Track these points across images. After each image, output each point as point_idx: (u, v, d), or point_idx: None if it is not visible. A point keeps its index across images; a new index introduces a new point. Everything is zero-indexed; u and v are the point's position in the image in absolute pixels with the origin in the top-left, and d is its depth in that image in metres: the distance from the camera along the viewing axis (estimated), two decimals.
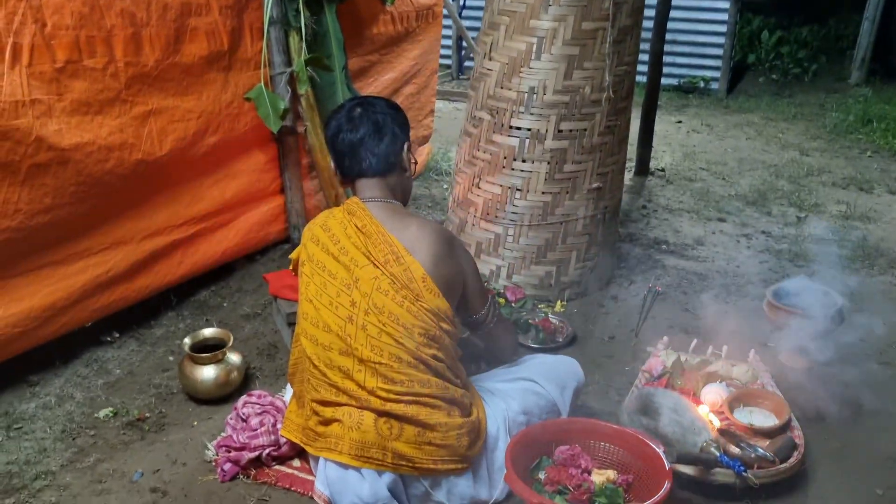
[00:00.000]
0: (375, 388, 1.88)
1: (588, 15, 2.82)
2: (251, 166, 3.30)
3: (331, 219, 2.06)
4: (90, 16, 2.44)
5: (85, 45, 2.44)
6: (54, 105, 2.37)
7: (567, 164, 3.03)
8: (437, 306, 1.91)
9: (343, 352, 1.92)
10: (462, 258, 2.03)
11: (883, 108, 6.70)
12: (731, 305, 3.24)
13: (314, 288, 1.99)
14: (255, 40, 3.17)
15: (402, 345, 1.88)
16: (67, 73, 2.39)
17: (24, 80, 2.26)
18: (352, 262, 1.95)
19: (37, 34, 2.29)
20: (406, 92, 4.31)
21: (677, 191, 4.70)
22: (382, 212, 1.99)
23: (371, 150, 2.02)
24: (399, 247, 1.92)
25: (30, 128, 2.28)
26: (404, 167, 2.08)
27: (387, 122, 2.03)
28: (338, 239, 2.00)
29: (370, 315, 1.89)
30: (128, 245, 2.78)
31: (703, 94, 7.83)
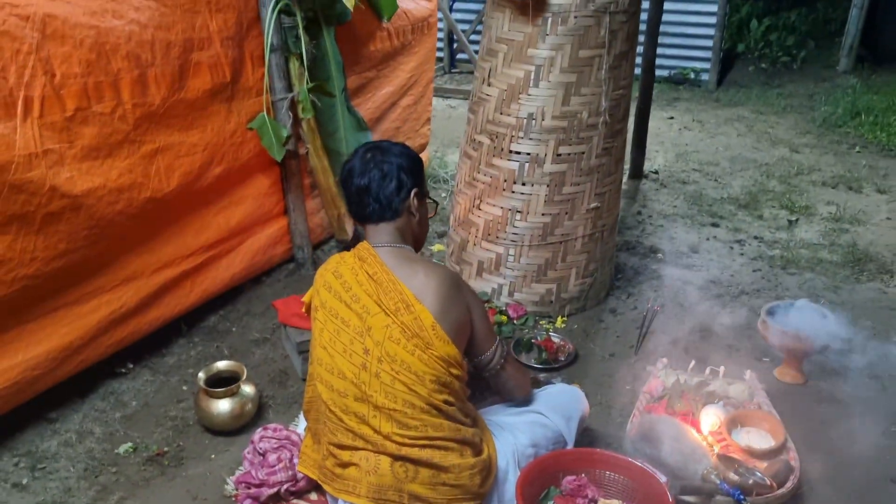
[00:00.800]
0: (391, 434, 1.96)
1: (585, 43, 2.88)
2: (255, 191, 3.36)
3: (342, 265, 2.11)
4: (97, 62, 2.47)
5: (93, 92, 2.48)
6: (65, 153, 2.41)
7: (566, 186, 3.10)
8: (447, 353, 1.97)
9: (358, 398, 1.99)
10: (470, 302, 2.09)
11: (871, 99, 6.78)
12: (726, 317, 3.33)
13: (328, 335, 2.06)
14: (255, 68, 3.21)
15: (415, 392, 1.95)
16: (77, 120, 2.44)
17: (36, 132, 2.31)
18: (363, 310, 2.01)
19: (47, 85, 2.32)
20: (403, 104, 4.35)
21: (671, 195, 4.78)
22: (392, 258, 2.05)
23: (376, 197, 2.06)
24: (409, 295, 1.98)
25: (43, 178, 2.33)
26: (413, 213, 2.12)
27: (393, 170, 2.06)
28: (349, 286, 2.05)
29: (383, 363, 1.96)
30: (139, 280, 2.84)
31: (694, 85, 7.89)
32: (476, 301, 2.13)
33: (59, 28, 2.35)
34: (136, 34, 2.61)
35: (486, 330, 2.15)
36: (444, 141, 5.86)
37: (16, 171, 2.25)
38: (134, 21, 2.60)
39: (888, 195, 4.76)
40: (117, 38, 2.54)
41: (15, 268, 2.34)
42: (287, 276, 3.64)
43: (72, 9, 2.40)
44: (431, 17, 4.44)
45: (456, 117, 6.68)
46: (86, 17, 2.44)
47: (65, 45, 2.37)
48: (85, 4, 2.45)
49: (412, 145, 4.52)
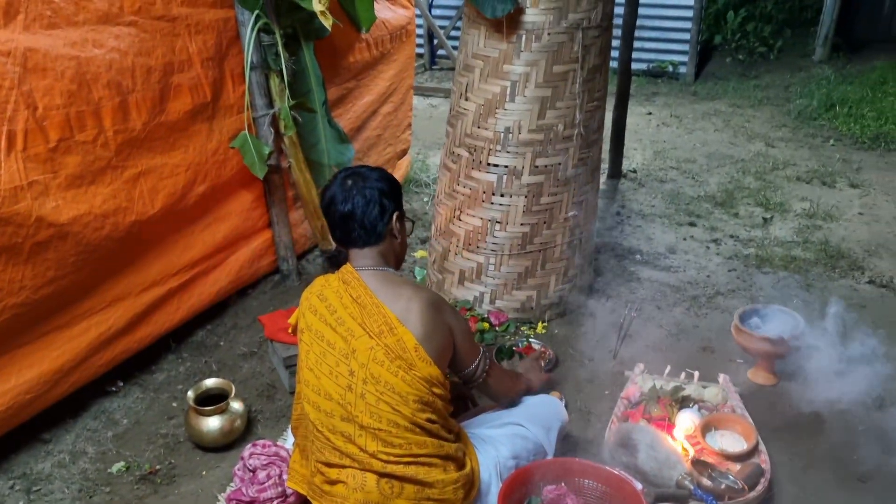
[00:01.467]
0: (376, 452, 2.04)
1: (559, 59, 2.95)
2: (239, 207, 3.41)
3: (327, 288, 2.17)
4: (78, 92, 2.51)
5: (75, 121, 2.52)
6: (50, 183, 2.45)
7: (543, 196, 3.17)
8: (430, 374, 2.04)
9: (344, 418, 2.06)
10: (451, 323, 2.13)
11: (845, 90, 6.89)
12: (701, 320, 3.43)
13: (314, 357, 2.12)
14: (236, 86, 3.25)
15: (399, 411, 2.02)
16: (60, 150, 2.48)
17: (21, 165, 2.35)
18: (348, 332, 2.08)
19: (29, 118, 2.36)
20: (384, 111, 4.40)
21: (649, 194, 4.87)
22: (375, 281, 2.11)
23: (360, 223, 2.12)
24: (392, 317, 2.04)
25: (29, 210, 2.38)
26: (395, 235, 2.19)
27: (374, 196, 2.12)
28: (334, 309, 2.12)
29: (368, 384, 2.03)
30: (126, 300, 2.89)
31: (672, 78, 7.98)
32: (458, 320, 2.18)
33: (40, 61, 2.39)
34: (117, 62, 2.65)
35: (469, 346, 2.21)
36: (425, 142, 5.91)
37: (2, 205, 2.29)
38: (114, 49, 2.64)
39: (861, 189, 4.87)
40: (98, 67, 2.58)
41: (4, 297, 2.39)
42: (273, 287, 3.70)
43: (52, 41, 2.44)
44: (409, 24, 4.49)
45: (437, 117, 6.73)
46: (66, 49, 2.48)
47: (46, 78, 2.41)
48: (65, 36, 2.48)
49: (393, 151, 4.60)
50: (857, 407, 2.78)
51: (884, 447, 2.59)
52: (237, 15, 3.17)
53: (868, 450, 2.58)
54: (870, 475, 2.49)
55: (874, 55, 8.26)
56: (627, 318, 3.14)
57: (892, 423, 2.71)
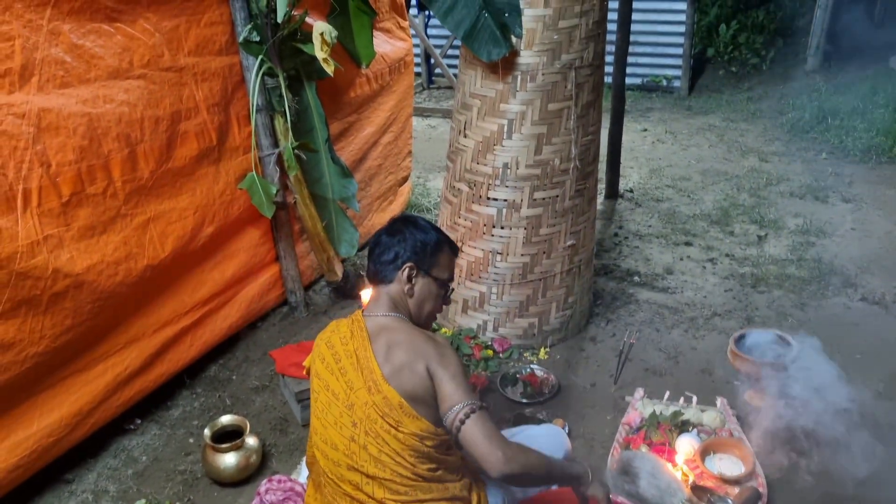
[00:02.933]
0: (384, 499, 2.10)
1: (553, 97, 3.05)
2: (247, 244, 3.51)
3: (335, 334, 2.25)
4: (90, 147, 2.62)
5: (86, 175, 2.62)
6: (64, 236, 2.55)
7: (542, 227, 3.28)
8: (419, 429, 2.03)
9: (350, 468, 2.12)
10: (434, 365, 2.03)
11: (837, 101, 6.99)
12: (699, 341, 3.53)
13: (321, 406, 2.19)
14: (242, 128, 3.36)
15: (400, 463, 2.07)
16: (73, 204, 2.58)
17: (36, 221, 2.45)
18: (349, 385, 2.12)
19: (43, 176, 2.46)
20: (384, 141, 4.51)
21: (646, 213, 4.97)
22: (375, 330, 2.13)
23: (374, 259, 2.22)
24: (378, 374, 2.04)
25: (46, 263, 2.47)
26: (404, 283, 2.20)
27: (395, 240, 2.17)
28: (339, 358, 2.18)
29: (369, 437, 2.07)
30: (141, 341, 2.99)
31: (666, 92, 8.09)
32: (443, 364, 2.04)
33: (53, 120, 2.49)
34: (126, 115, 2.75)
35: (450, 392, 2.02)
36: (425, 165, 6.02)
37: (21, 261, 2.39)
38: (124, 103, 2.75)
39: (853, 204, 4.97)
40: (108, 121, 2.68)
41: (26, 347, 2.49)
42: (281, 319, 3.80)
43: (65, 100, 2.54)
44: (408, 55, 4.60)
45: (436, 138, 6.84)
46: (78, 106, 2.58)
47: (59, 136, 2.51)
48: (77, 94, 2.59)
49: (394, 179, 4.71)
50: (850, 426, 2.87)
51: (877, 467, 2.67)
52: (242, 61, 3.28)
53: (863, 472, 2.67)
54: (864, 499, 2.58)
55: (866, 63, 8.35)
56: (627, 343, 3.23)
57: (886, 442, 2.80)
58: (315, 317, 3.83)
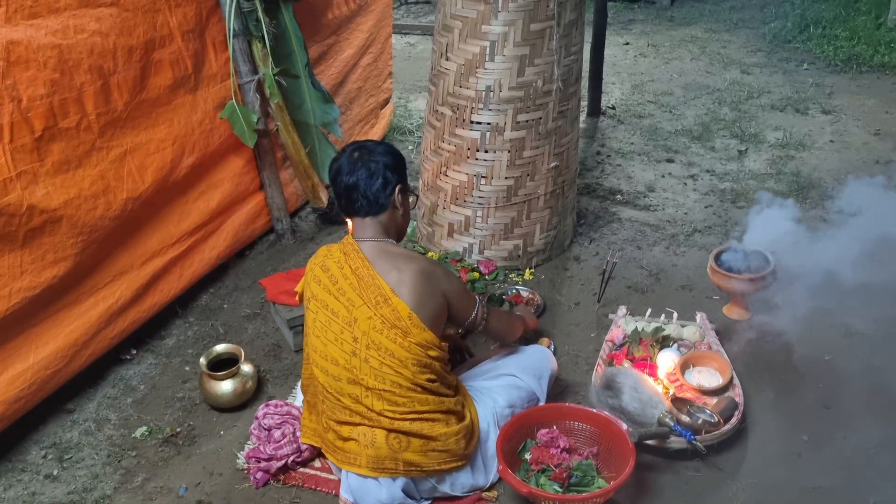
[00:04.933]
0: (383, 410, 2.22)
1: (535, 17, 3.01)
2: (230, 173, 3.50)
3: (329, 258, 2.32)
4: (61, 81, 2.55)
5: (59, 109, 2.56)
6: (38, 171, 2.53)
7: (526, 150, 3.29)
8: (425, 339, 2.20)
9: (351, 381, 2.24)
10: (444, 288, 2.27)
11: (819, 9, 6.92)
12: (680, 258, 3.61)
13: (320, 325, 2.29)
14: (219, 54, 3.29)
15: (401, 374, 2.20)
16: (45, 139, 2.53)
17: (9, 157, 2.41)
18: (349, 302, 2.24)
19: (14, 111, 2.41)
20: (364, 63, 4.43)
21: (628, 131, 4.97)
22: (373, 252, 2.25)
23: (363, 193, 2.25)
24: (386, 289, 2.19)
25: (20, 200, 2.45)
26: (397, 206, 2.31)
27: (379, 168, 2.24)
28: (336, 279, 2.27)
29: (371, 350, 2.20)
30: (130, 273, 3.01)
31: (648, 3, 7.94)
32: (450, 283, 2.31)
33: (22, 53, 2.42)
34: (98, 45, 2.68)
35: (464, 302, 2.35)
36: (406, 85, 5.94)
37: None
38: (96, 32, 2.67)
39: (832, 115, 5.01)
40: (80, 53, 2.61)
41: (8, 282, 2.50)
42: (269, 247, 3.83)
43: (34, 31, 2.46)
44: None
45: (416, 56, 6.72)
46: (48, 38, 2.50)
47: (29, 69, 2.45)
48: (47, 25, 2.50)
49: (375, 102, 4.66)
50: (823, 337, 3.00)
51: (845, 375, 2.81)
52: None
53: (832, 378, 2.81)
54: (833, 402, 2.72)
55: None
56: (609, 262, 3.30)
57: (855, 351, 2.93)
58: (302, 243, 3.86)
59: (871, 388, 2.74)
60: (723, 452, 2.51)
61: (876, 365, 2.84)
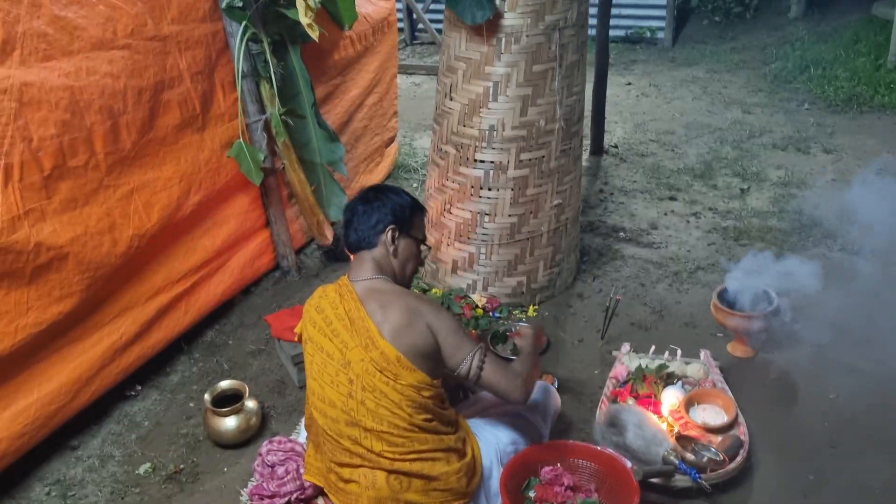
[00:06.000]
0: (382, 451, 2.21)
1: (538, 59, 3.07)
2: (237, 210, 3.54)
3: (324, 299, 2.32)
4: (71, 121, 2.61)
5: (68, 149, 2.62)
6: (46, 209, 2.57)
7: (529, 188, 3.33)
8: (416, 380, 2.16)
9: (349, 423, 2.22)
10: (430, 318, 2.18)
11: (819, 50, 7.01)
12: (683, 295, 3.62)
13: (316, 367, 2.29)
14: (227, 94, 3.36)
15: (397, 415, 2.17)
16: (54, 177, 2.58)
17: (18, 196, 2.46)
18: (343, 344, 2.22)
19: (25, 150, 2.46)
20: (369, 102, 4.51)
21: (630, 169, 5.02)
22: (364, 292, 2.23)
23: (355, 227, 2.30)
24: (373, 331, 2.15)
25: (28, 237, 2.49)
26: (387, 246, 2.32)
27: (376, 207, 2.27)
28: (330, 321, 2.27)
29: (366, 391, 2.17)
30: (135, 309, 3.04)
31: (650, 44, 8.07)
32: (439, 318, 2.21)
33: (35, 95, 2.47)
34: (109, 86, 2.74)
35: (456, 344, 2.21)
36: (411, 124, 6.01)
37: (2, 236, 2.41)
38: (107, 74, 2.73)
39: (834, 154, 5.05)
40: (91, 94, 2.67)
41: (14, 318, 2.52)
42: (274, 284, 3.85)
43: (47, 73, 2.52)
44: (390, 15, 4.57)
45: (421, 96, 6.82)
46: (61, 79, 2.56)
47: (41, 110, 2.50)
48: (60, 67, 2.57)
49: (381, 140, 4.73)
50: (828, 376, 2.99)
51: (851, 413, 2.80)
52: (226, 27, 3.27)
53: (837, 417, 2.79)
54: (839, 440, 2.70)
55: (848, 9, 8.35)
56: (613, 299, 3.31)
57: (860, 389, 2.91)
58: (307, 280, 3.89)
59: (877, 427, 2.73)
60: (728, 491, 2.50)
61: (881, 403, 2.83)
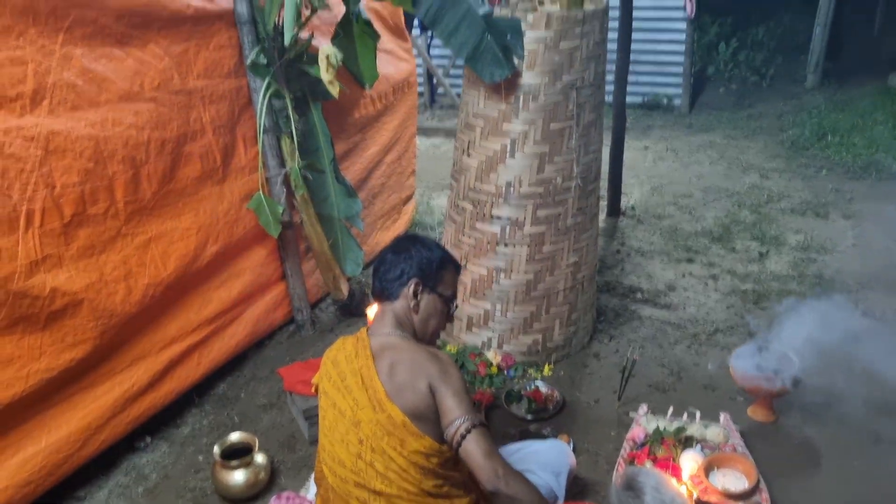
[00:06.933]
0: None
1: (555, 117, 3.11)
2: (253, 262, 3.56)
3: (340, 352, 2.28)
4: (94, 169, 2.65)
5: (89, 196, 2.66)
6: (63, 255, 2.59)
7: (545, 245, 3.32)
8: (422, 446, 2.07)
9: (357, 484, 2.15)
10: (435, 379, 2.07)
11: (836, 118, 7.05)
12: (702, 357, 3.56)
13: (328, 423, 2.23)
14: (248, 148, 3.41)
15: (406, 480, 2.10)
16: (73, 224, 2.61)
17: (37, 241, 2.48)
18: (354, 402, 2.16)
19: (47, 197, 2.50)
20: (388, 160, 4.56)
21: (648, 231, 5.01)
22: (379, 349, 2.16)
23: (380, 277, 2.26)
24: (381, 394, 2.08)
25: (44, 283, 2.51)
26: (409, 300, 2.28)
27: (401, 258, 2.22)
28: (344, 376, 2.21)
29: (375, 454, 2.09)
30: (147, 358, 3.03)
31: (667, 110, 8.16)
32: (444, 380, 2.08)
33: (60, 143, 2.53)
34: (133, 137, 2.80)
35: (452, 405, 2.05)
36: (429, 184, 6.07)
37: (19, 280, 2.42)
38: (132, 125, 2.79)
39: (853, 220, 5.01)
40: (115, 144, 2.72)
41: (27, 363, 2.52)
42: (288, 338, 3.84)
43: (74, 123, 2.58)
44: (411, 76, 4.67)
45: (440, 157, 6.90)
46: (87, 129, 2.62)
47: (65, 158, 2.55)
48: (87, 117, 2.63)
49: (398, 198, 4.76)
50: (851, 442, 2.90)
51: (875, 482, 2.70)
52: (249, 83, 3.35)
53: (861, 485, 2.69)
54: None
55: (864, 80, 8.44)
56: (630, 359, 3.26)
57: (885, 458, 2.82)
58: (321, 335, 3.87)
59: None
60: None
61: None
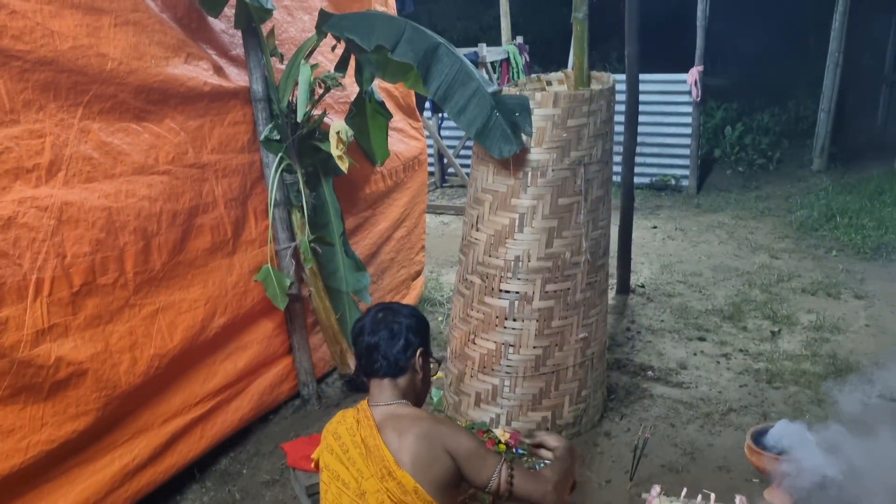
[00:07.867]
0: None
1: (563, 192, 3.14)
2: (260, 335, 3.54)
3: (342, 425, 2.24)
4: (106, 240, 2.68)
5: (99, 266, 2.67)
6: (70, 325, 2.58)
7: (554, 320, 3.29)
8: None
9: None
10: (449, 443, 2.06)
11: (844, 200, 7.09)
12: (715, 437, 3.47)
13: (331, 497, 2.17)
14: (259, 222, 3.45)
15: None
16: (82, 293, 2.62)
17: (45, 310, 2.48)
18: (358, 473, 2.11)
19: (57, 266, 2.51)
20: (397, 236, 4.60)
21: (658, 308, 4.98)
22: (383, 419, 2.13)
23: (383, 354, 2.21)
24: (390, 460, 2.04)
25: (49, 352, 2.49)
26: (417, 370, 2.26)
27: (401, 329, 2.20)
28: (347, 448, 2.17)
29: None
30: (150, 431, 2.98)
31: (675, 191, 8.23)
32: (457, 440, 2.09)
33: (73, 214, 2.56)
34: (146, 209, 2.84)
35: (478, 462, 2.09)
36: (438, 260, 6.09)
37: (24, 349, 2.41)
38: (145, 197, 2.84)
39: (866, 300, 4.97)
40: (127, 215, 2.76)
41: (27, 434, 2.47)
42: (293, 412, 3.77)
43: (88, 194, 2.62)
44: (421, 154, 4.75)
45: (449, 234, 6.95)
46: (100, 200, 2.66)
47: (78, 228, 2.58)
48: (101, 189, 2.67)
49: (407, 273, 4.76)
50: None
51: None
52: (262, 158, 3.41)
53: None
54: None
55: (870, 164, 8.52)
56: (642, 438, 3.18)
57: None
58: (327, 409, 3.80)
59: None
60: None
61: None
